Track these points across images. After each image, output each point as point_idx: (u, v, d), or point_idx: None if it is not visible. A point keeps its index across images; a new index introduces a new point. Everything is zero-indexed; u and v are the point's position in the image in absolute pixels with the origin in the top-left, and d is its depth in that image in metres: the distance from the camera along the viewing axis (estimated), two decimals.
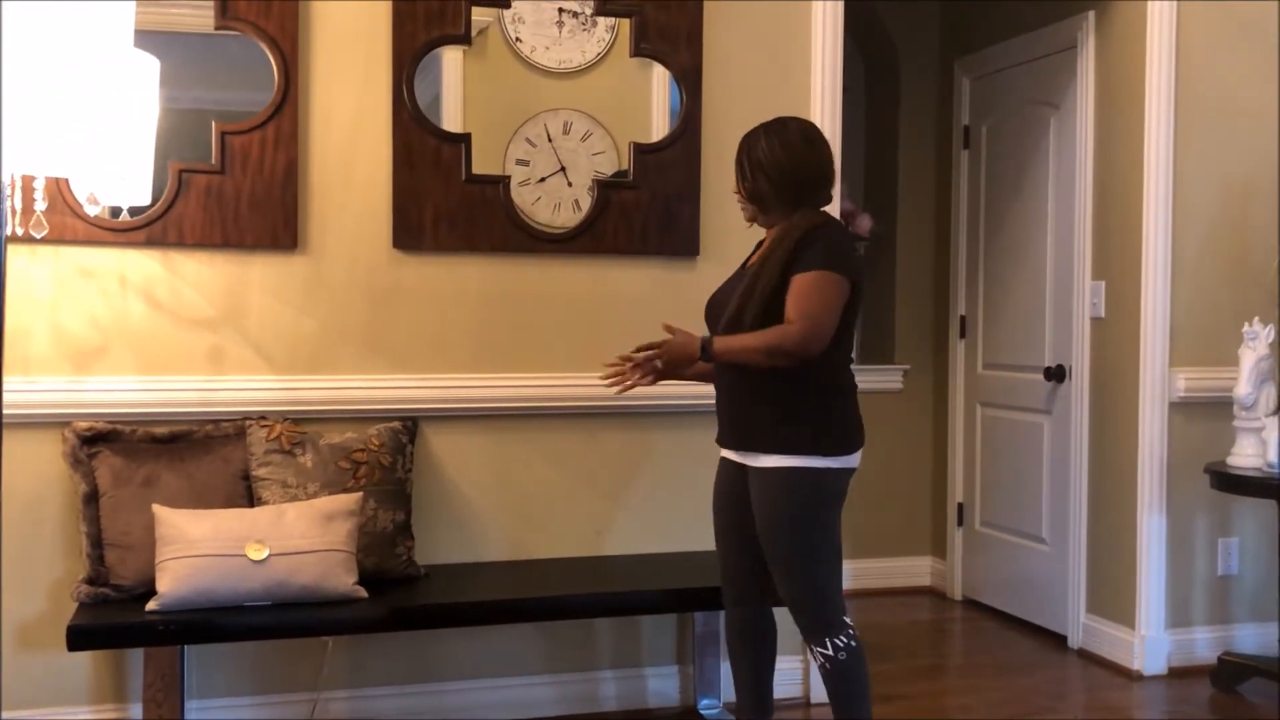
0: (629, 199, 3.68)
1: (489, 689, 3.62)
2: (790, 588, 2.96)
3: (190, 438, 3.28)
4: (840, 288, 2.86)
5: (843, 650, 2.93)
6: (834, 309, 2.86)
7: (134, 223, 3.28)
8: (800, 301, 2.83)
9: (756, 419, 2.94)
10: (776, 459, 2.91)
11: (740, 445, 3.01)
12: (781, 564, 2.95)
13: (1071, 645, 4.55)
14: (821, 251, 2.85)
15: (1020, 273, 4.92)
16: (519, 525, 3.65)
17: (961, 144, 5.30)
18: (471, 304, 3.59)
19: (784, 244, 2.90)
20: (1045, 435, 4.75)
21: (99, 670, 3.33)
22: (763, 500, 2.95)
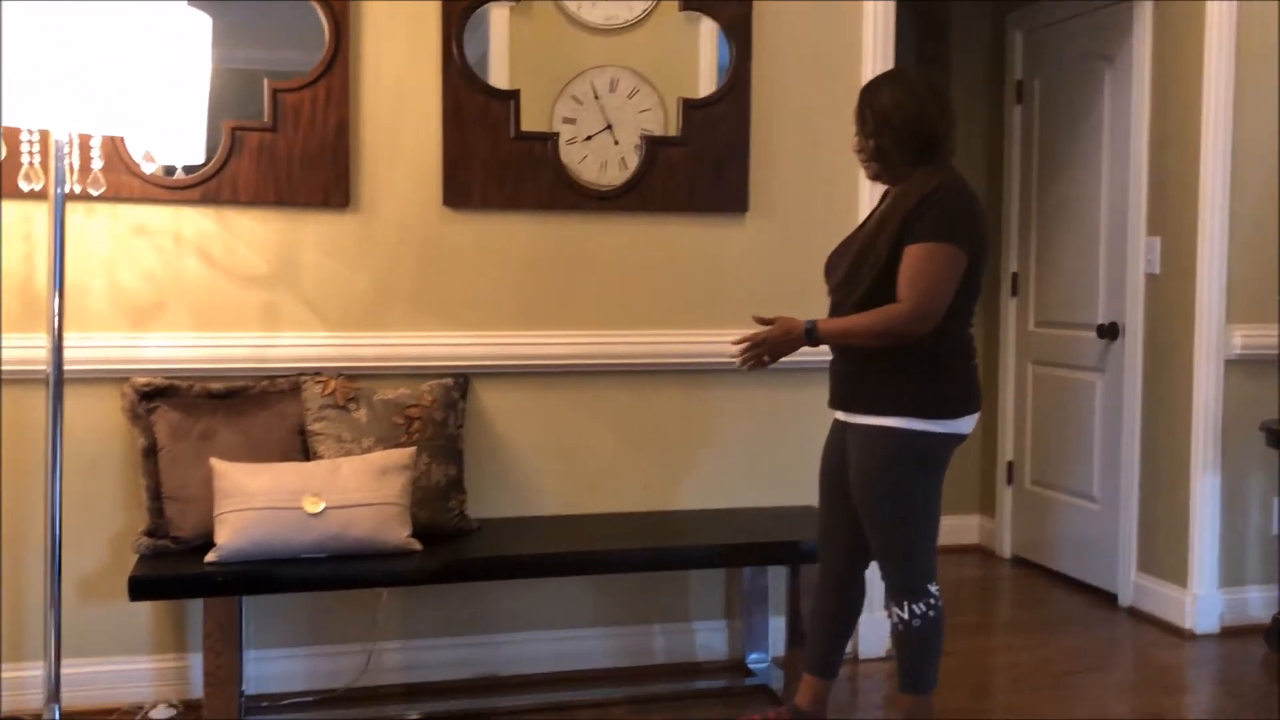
0: (677, 155, 3.68)
1: (539, 641, 3.68)
2: (878, 546, 2.98)
3: (246, 393, 3.34)
4: (954, 260, 2.80)
5: (918, 618, 2.94)
6: (946, 284, 2.80)
7: (188, 180, 3.32)
8: (912, 277, 2.78)
9: (863, 379, 2.93)
10: (876, 419, 2.89)
11: (845, 405, 3.01)
12: (870, 523, 2.96)
13: (1122, 603, 4.54)
14: (936, 221, 2.79)
15: (1073, 229, 4.88)
16: (568, 480, 3.69)
17: (1014, 99, 5.25)
18: (520, 261, 3.61)
19: (898, 210, 2.83)
20: (1098, 393, 4.73)
21: (159, 620, 3.42)
22: (857, 457, 2.95)
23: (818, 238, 3.72)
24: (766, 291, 3.77)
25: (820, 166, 3.81)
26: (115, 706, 3.36)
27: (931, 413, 2.87)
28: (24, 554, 3.30)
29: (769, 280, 3.78)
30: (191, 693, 3.41)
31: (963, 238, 2.82)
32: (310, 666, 3.51)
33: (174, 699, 3.41)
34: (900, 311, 2.79)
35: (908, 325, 2.79)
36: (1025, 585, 4.94)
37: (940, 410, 2.88)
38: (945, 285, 2.81)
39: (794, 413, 3.77)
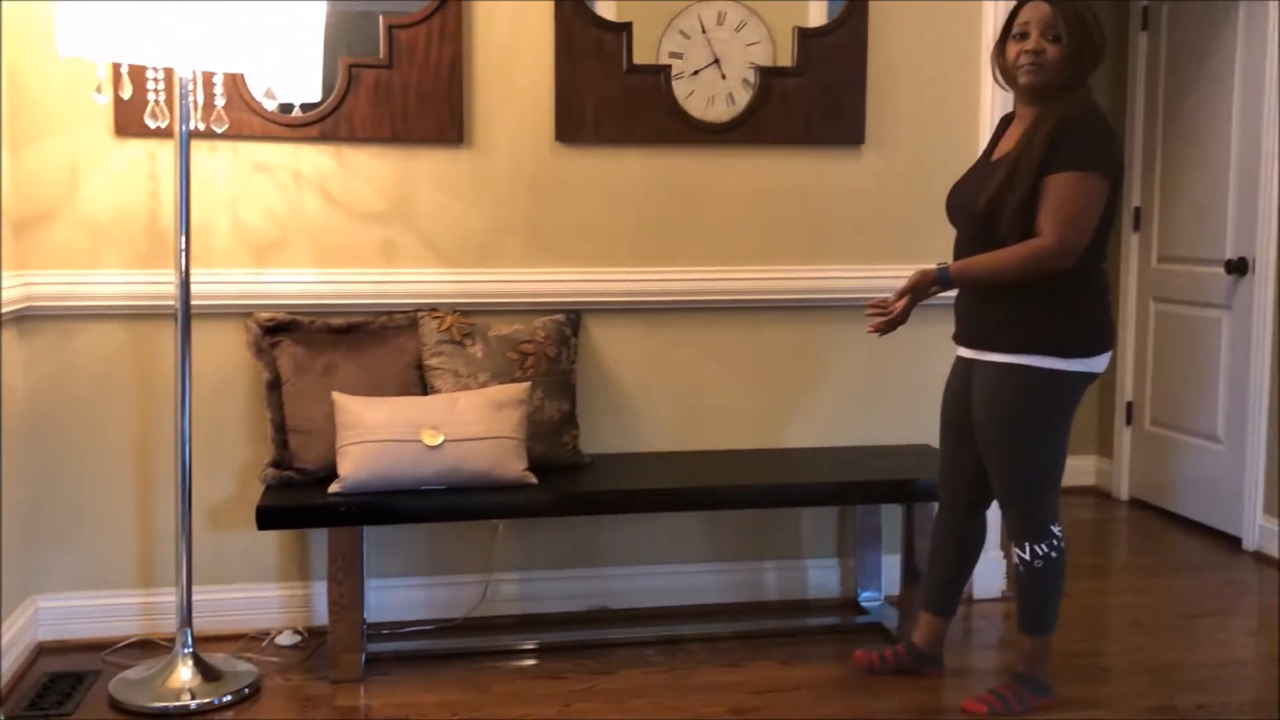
0: (791, 87, 3.63)
1: (651, 575, 3.72)
2: (1001, 487, 2.95)
3: (365, 328, 3.40)
4: (1100, 190, 2.73)
5: (1040, 559, 2.92)
6: (1091, 216, 2.72)
7: (307, 118, 3.37)
8: (1055, 209, 2.71)
9: (995, 316, 2.88)
10: (1006, 356, 2.84)
11: (974, 342, 2.96)
12: (994, 461, 2.93)
13: (1246, 547, 4.44)
14: (1081, 147, 2.71)
15: (1200, 160, 4.72)
16: (680, 417, 3.71)
17: (1140, 25, 5.07)
18: (632, 196, 3.61)
19: (1039, 135, 2.75)
20: (1224, 331, 4.60)
21: (284, 549, 3.53)
22: (984, 396, 2.91)
23: (936, 169, 3.68)
24: (882, 226, 3.73)
25: (939, 96, 3.73)
26: (243, 632, 3.48)
27: (1067, 351, 2.81)
28: (156, 485, 3.42)
29: (885, 214, 3.73)
30: (315, 620, 3.52)
31: (1107, 165, 2.74)
32: (429, 596, 3.60)
33: (299, 625, 3.52)
34: (1043, 247, 2.72)
35: (1051, 261, 2.72)
36: (1144, 528, 4.86)
37: (1076, 348, 2.82)
38: (1090, 217, 2.73)
39: (911, 350, 3.73)
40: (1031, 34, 2.78)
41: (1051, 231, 2.71)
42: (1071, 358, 2.81)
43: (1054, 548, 2.94)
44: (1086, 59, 2.79)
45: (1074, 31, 2.76)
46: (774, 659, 3.37)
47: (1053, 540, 2.94)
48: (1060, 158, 2.72)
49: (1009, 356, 2.84)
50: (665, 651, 3.42)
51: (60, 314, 3.33)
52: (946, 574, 3.18)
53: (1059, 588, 3.00)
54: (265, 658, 3.34)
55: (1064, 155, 2.71)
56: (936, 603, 3.19)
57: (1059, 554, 2.95)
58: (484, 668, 3.30)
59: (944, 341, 3.64)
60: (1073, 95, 2.78)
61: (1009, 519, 2.97)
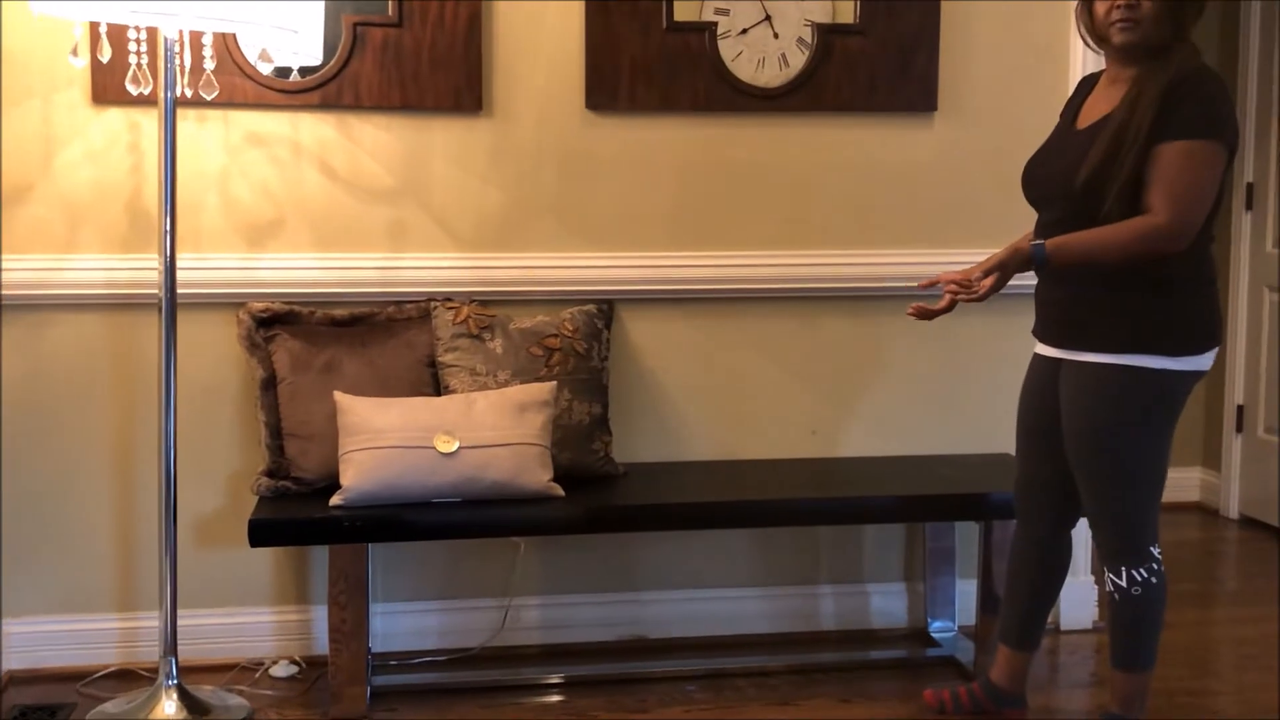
0: (854, 46, 3.62)
1: (693, 600, 3.72)
2: (1093, 503, 2.93)
3: (371, 320, 3.42)
4: (1218, 160, 2.69)
5: (1139, 585, 2.89)
6: (1210, 190, 2.69)
7: (306, 83, 3.39)
8: (1169, 183, 2.66)
9: (1087, 308, 2.84)
10: (1104, 356, 2.81)
11: (1062, 339, 2.92)
12: (1087, 476, 2.90)
13: None
14: (1196, 112, 2.66)
15: None
16: (726, 422, 3.71)
17: None
18: (673, 171, 3.61)
19: (1146, 99, 2.70)
20: None
21: (280, 569, 3.55)
22: (1077, 401, 2.88)
23: (1020, 141, 3.59)
24: (957, 205, 3.71)
25: (1023, 57, 3.72)
26: (234, 661, 3.51)
27: (1175, 347, 2.77)
28: (136, 495, 3.45)
29: (960, 191, 3.72)
30: (315, 649, 3.53)
31: (1225, 132, 2.71)
32: (442, 622, 3.61)
33: (296, 655, 3.54)
34: (1156, 225, 2.67)
35: (1164, 243, 2.68)
36: (1256, 549, 4.82)
37: (1185, 344, 2.79)
38: (1207, 192, 2.70)
39: (989, 347, 3.71)
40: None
41: (1165, 208, 2.67)
42: (1180, 355, 2.78)
43: (1154, 572, 2.91)
44: (1190, 10, 2.75)
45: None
46: (832, 696, 3.37)
47: (1152, 564, 2.91)
48: (1173, 125, 2.67)
49: (1108, 356, 2.80)
50: (709, 687, 3.42)
51: (31, 304, 3.36)
52: (1027, 602, 3.16)
53: (1159, 618, 2.97)
54: (259, 690, 3.36)
55: (1177, 122, 2.67)
56: (1015, 635, 3.17)
57: (1159, 579, 2.92)
58: (503, 703, 3.31)
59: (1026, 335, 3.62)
60: (1177, 53, 2.74)
61: (1102, 540, 2.94)
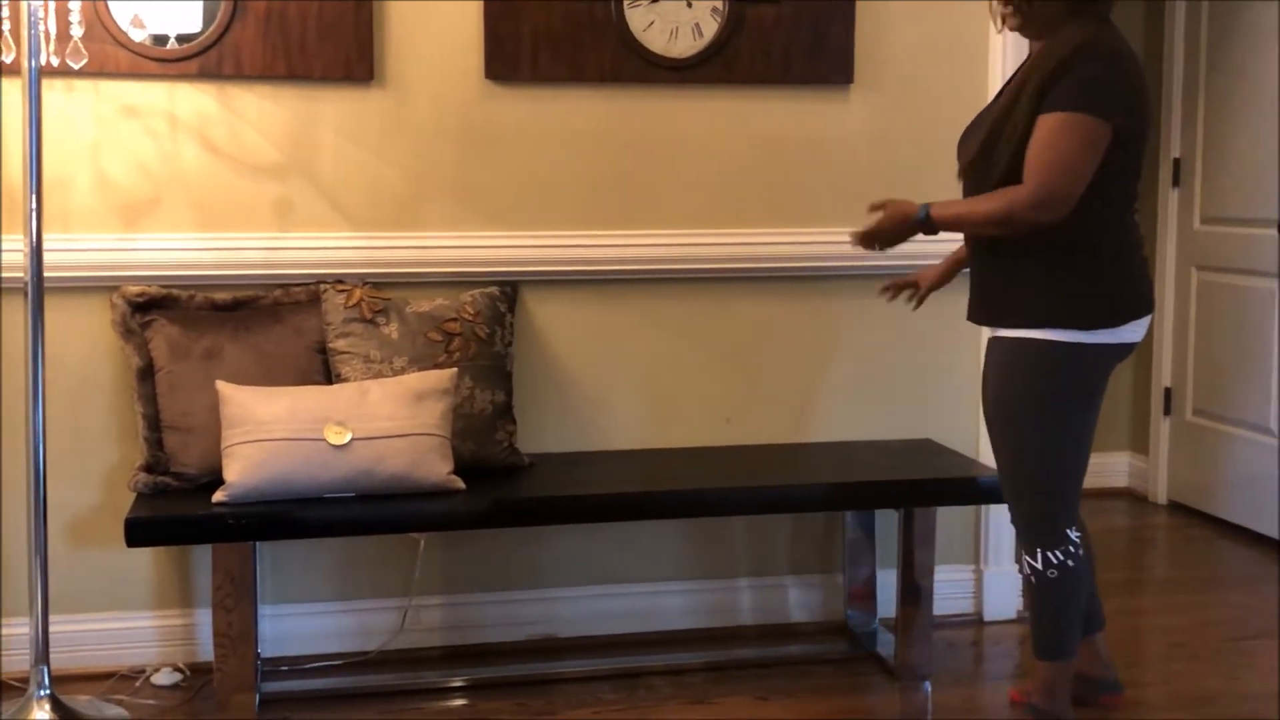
0: (768, 16, 3.60)
1: (604, 597, 3.69)
2: (1010, 480, 2.98)
3: (257, 304, 3.35)
4: (1092, 133, 2.73)
5: (1055, 568, 2.92)
6: (1079, 162, 2.73)
7: (184, 51, 3.30)
8: (1038, 153, 2.74)
9: (1004, 283, 2.91)
10: (1018, 330, 2.86)
11: (984, 315, 2.99)
12: (1007, 452, 2.96)
13: None
14: (1075, 85, 2.73)
15: (1251, 103, 4.73)
16: (637, 409, 3.68)
17: None
18: (580, 146, 3.57)
19: (1037, 72, 2.79)
20: (1277, 303, 4.62)
21: (161, 570, 3.47)
22: (993, 375, 2.95)
23: (939, 113, 3.69)
24: (876, 180, 3.68)
25: (939, 30, 3.72)
26: (112, 670, 3.42)
27: (1087, 320, 2.82)
28: (3, 493, 3.34)
29: (879, 166, 3.71)
30: (200, 655, 3.46)
31: (1107, 107, 2.74)
32: (337, 625, 3.55)
33: (180, 662, 3.46)
34: (1020, 194, 2.75)
35: (1029, 211, 2.74)
36: (1185, 536, 4.89)
37: (1100, 316, 2.83)
38: (1079, 164, 2.74)
39: (909, 329, 3.70)
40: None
41: (1030, 177, 2.74)
42: (1094, 328, 2.82)
43: (1070, 555, 2.93)
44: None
45: None
46: (749, 693, 3.36)
47: (1069, 546, 2.93)
48: (1054, 96, 2.74)
49: (1022, 330, 2.86)
50: (622, 687, 3.40)
51: None
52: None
53: (1077, 601, 2.99)
54: (139, 700, 3.30)
55: (1057, 94, 2.74)
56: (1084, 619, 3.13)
57: (1076, 562, 2.94)
58: (403, 709, 3.27)
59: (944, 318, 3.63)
60: (1074, 28, 2.79)
61: (1018, 519, 2.98)
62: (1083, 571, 2.97)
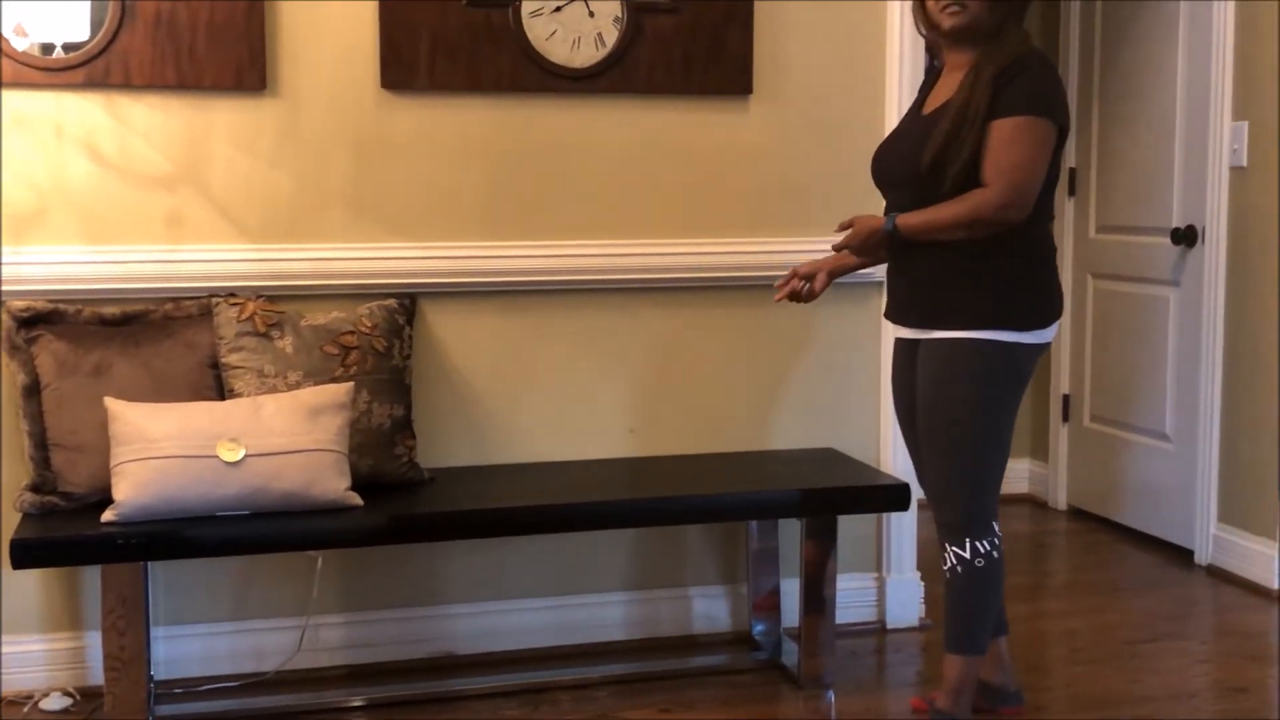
0: (666, 25, 3.60)
1: (507, 612, 3.67)
2: (944, 475, 3.05)
3: (147, 319, 3.29)
4: (1046, 137, 2.87)
5: (982, 557, 3.02)
6: (1038, 164, 2.86)
7: (70, 60, 3.24)
8: (999, 157, 2.84)
9: (938, 288, 3.00)
10: (957, 332, 2.97)
11: (916, 319, 3.07)
12: (936, 445, 3.04)
13: (1199, 561, 4.55)
14: (1026, 92, 2.85)
15: (1143, 114, 4.82)
16: (539, 422, 3.66)
17: None
18: (478, 156, 3.55)
19: (983, 79, 2.87)
20: (1171, 311, 4.70)
21: (49, 593, 3.39)
22: (928, 375, 3.03)
23: (836, 125, 3.74)
24: (775, 190, 3.74)
25: (838, 42, 3.75)
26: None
27: (1020, 322, 2.96)
28: None
29: (778, 176, 3.73)
30: (90, 678, 3.39)
31: (1055, 111, 2.90)
32: (232, 646, 3.49)
33: (70, 686, 3.39)
34: (986, 197, 2.85)
35: (996, 212, 2.85)
36: (1084, 541, 4.95)
37: (1029, 319, 2.98)
38: (1038, 166, 2.88)
39: (813, 338, 3.74)
40: None
41: (994, 180, 2.85)
42: (1026, 329, 2.97)
43: (995, 546, 3.04)
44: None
45: None
46: (653, 706, 3.36)
47: (994, 538, 3.05)
48: (1004, 103, 2.85)
49: (961, 332, 2.96)
50: (525, 703, 3.38)
51: None
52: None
53: (997, 595, 3.10)
54: None
55: (1007, 100, 2.85)
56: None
57: (1000, 555, 3.06)
58: None
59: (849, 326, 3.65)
60: (1010, 37, 2.93)
61: (949, 513, 3.05)
62: (1003, 563, 3.08)
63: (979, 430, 2.99)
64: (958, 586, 3.05)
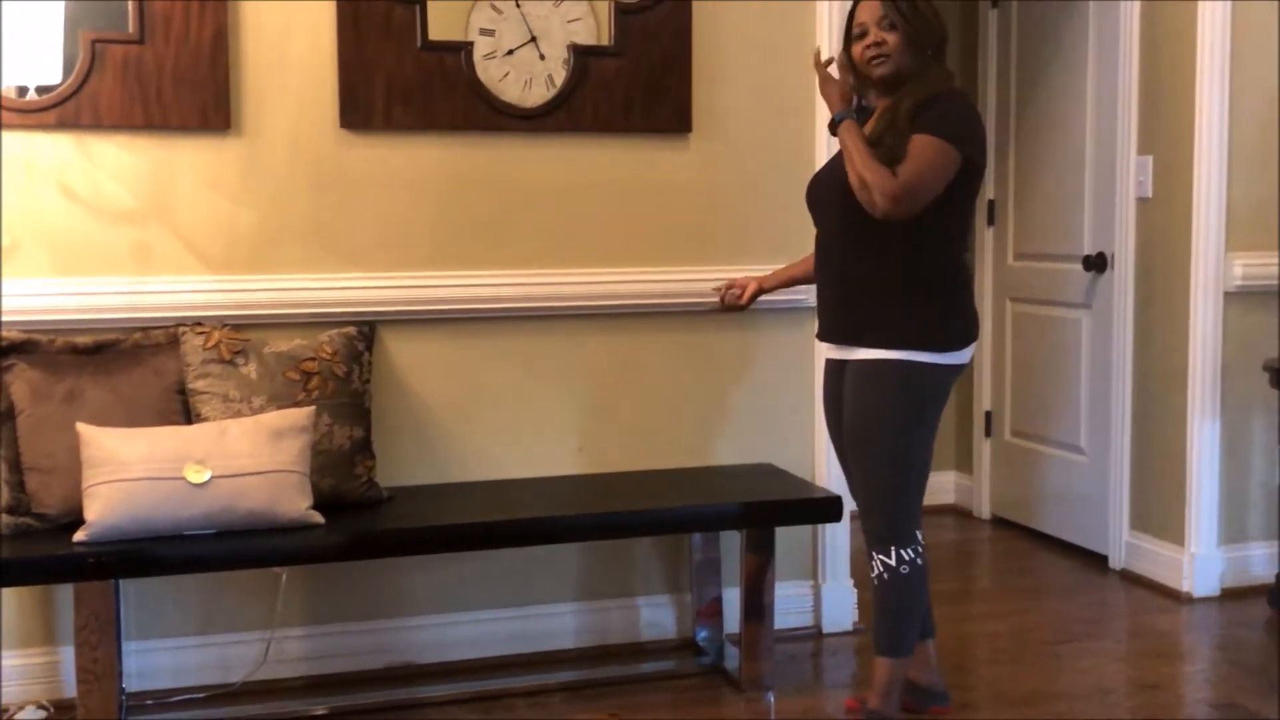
0: (610, 68, 3.61)
1: (464, 623, 3.64)
2: (869, 488, 3.08)
3: (117, 347, 3.25)
4: (948, 157, 2.92)
5: (907, 564, 3.06)
6: (935, 176, 2.91)
7: (42, 102, 3.21)
8: (909, 160, 2.91)
9: (863, 310, 3.05)
10: (877, 352, 3.01)
11: (842, 338, 3.11)
12: (863, 459, 3.07)
13: (1113, 566, 4.58)
14: (941, 118, 2.94)
15: (1056, 149, 4.87)
16: (492, 442, 3.65)
17: (990, 2, 5.22)
18: (433, 191, 3.54)
19: (903, 109, 2.96)
20: (1084, 332, 4.75)
21: (24, 610, 3.34)
22: (854, 393, 3.07)
23: (768, 162, 3.76)
24: (713, 223, 3.74)
25: (772, 79, 3.77)
26: None
27: (939, 344, 3.01)
28: None
29: (716, 211, 3.75)
30: (64, 691, 3.34)
31: (965, 140, 2.95)
32: (200, 658, 3.45)
33: (44, 699, 3.34)
34: (888, 181, 2.89)
35: (885, 199, 2.89)
36: (1006, 548, 4.98)
37: (948, 340, 3.03)
38: (934, 179, 2.91)
39: (749, 359, 3.74)
40: (870, 30, 3.03)
41: (900, 173, 2.89)
42: (945, 351, 3.01)
43: (919, 554, 3.08)
44: (926, 38, 3.02)
45: (906, 15, 3.00)
46: (603, 710, 3.34)
47: (918, 546, 3.08)
48: (921, 125, 2.93)
49: (885, 352, 3.00)
50: (481, 709, 3.36)
51: None
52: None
53: (922, 598, 3.13)
54: None
55: (925, 123, 2.93)
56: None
57: (925, 561, 3.09)
58: None
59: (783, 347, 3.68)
60: (933, 75, 3.02)
61: (875, 523, 3.07)
62: (927, 569, 3.11)
63: (901, 445, 3.03)
64: (884, 592, 3.08)
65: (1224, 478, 4.30)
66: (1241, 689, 3.49)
